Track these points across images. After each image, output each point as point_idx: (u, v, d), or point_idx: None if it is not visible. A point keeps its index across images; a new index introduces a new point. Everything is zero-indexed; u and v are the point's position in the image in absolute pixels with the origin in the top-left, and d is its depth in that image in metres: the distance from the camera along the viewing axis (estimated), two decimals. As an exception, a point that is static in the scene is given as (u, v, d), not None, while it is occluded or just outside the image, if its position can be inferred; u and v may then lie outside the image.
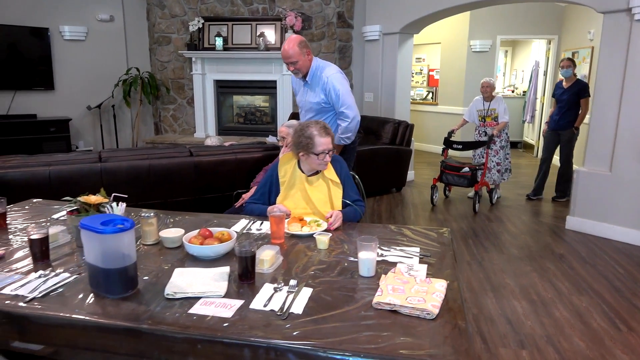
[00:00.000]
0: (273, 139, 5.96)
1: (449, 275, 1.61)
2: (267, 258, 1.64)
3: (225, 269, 1.61)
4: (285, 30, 6.29)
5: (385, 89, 6.12)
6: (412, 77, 7.01)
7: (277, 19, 6.39)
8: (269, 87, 6.68)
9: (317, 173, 2.30)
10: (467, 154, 6.42)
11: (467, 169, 4.89)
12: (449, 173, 5.02)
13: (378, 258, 1.70)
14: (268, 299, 1.43)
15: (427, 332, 1.25)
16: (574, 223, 4.31)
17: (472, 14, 7.61)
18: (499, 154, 5.17)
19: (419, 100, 8.92)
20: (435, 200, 5.17)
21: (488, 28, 7.75)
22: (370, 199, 5.31)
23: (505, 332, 2.59)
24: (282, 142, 3.06)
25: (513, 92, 9.88)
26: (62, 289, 1.49)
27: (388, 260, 1.73)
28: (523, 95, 9.21)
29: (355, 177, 2.68)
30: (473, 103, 5.35)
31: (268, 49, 6.35)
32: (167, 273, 1.61)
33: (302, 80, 3.15)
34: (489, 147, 5.01)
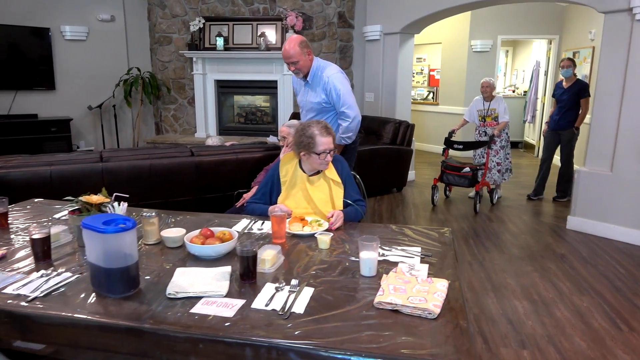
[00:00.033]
0: (274, 139, 5.96)
1: (450, 275, 1.61)
2: (268, 258, 1.64)
3: (227, 269, 1.61)
4: (286, 30, 6.29)
5: (386, 89, 6.12)
6: (412, 77, 7.01)
7: (277, 19, 6.39)
8: (270, 87, 6.69)
9: (318, 173, 2.30)
10: (467, 154, 6.42)
11: (468, 169, 4.89)
12: (450, 173, 5.01)
13: (379, 258, 1.70)
14: (269, 299, 1.43)
15: (428, 331, 1.25)
16: (575, 223, 4.31)
17: (472, 14, 7.61)
18: (499, 154, 5.16)
19: (420, 100, 8.92)
20: (436, 200, 5.17)
21: (489, 28, 7.74)
22: (371, 199, 5.31)
23: (506, 332, 2.59)
24: (282, 142, 3.06)
25: (514, 92, 9.87)
26: (63, 289, 1.50)
27: (389, 260, 1.73)
28: (524, 95, 9.20)
29: (356, 176, 2.68)
30: (473, 103, 5.35)
31: (269, 49, 6.35)
32: (168, 273, 1.61)
33: (302, 80, 3.15)
34: (490, 147, 5.01)
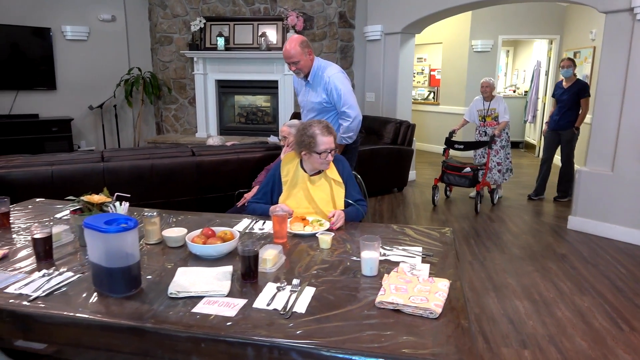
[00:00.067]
0: (275, 139, 5.95)
1: (452, 275, 1.61)
2: (269, 257, 1.64)
3: (228, 268, 1.61)
4: (287, 30, 6.29)
5: (387, 89, 6.12)
6: (413, 77, 7.01)
7: (278, 19, 6.39)
8: (271, 87, 6.69)
9: (319, 172, 2.30)
10: (468, 154, 6.42)
11: (468, 169, 4.89)
12: (451, 173, 5.01)
13: (380, 257, 1.70)
14: (271, 298, 1.43)
15: (430, 331, 1.25)
16: (576, 223, 4.30)
17: (473, 14, 7.60)
18: (500, 154, 5.16)
19: (421, 100, 8.92)
20: (437, 200, 5.17)
21: (489, 28, 7.74)
22: (372, 199, 5.31)
23: (508, 331, 2.59)
24: (283, 141, 3.06)
25: (514, 92, 9.87)
26: (65, 288, 1.50)
27: (391, 260, 1.74)
28: (524, 95, 9.20)
29: (357, 176, 2.68)
30: (473, 103, 5.35)
31: (269, 49, 6.35)
32: (170, 272, 1.61)
33: (303, 80, 3.15)
34: (490, 147, 5.00)
